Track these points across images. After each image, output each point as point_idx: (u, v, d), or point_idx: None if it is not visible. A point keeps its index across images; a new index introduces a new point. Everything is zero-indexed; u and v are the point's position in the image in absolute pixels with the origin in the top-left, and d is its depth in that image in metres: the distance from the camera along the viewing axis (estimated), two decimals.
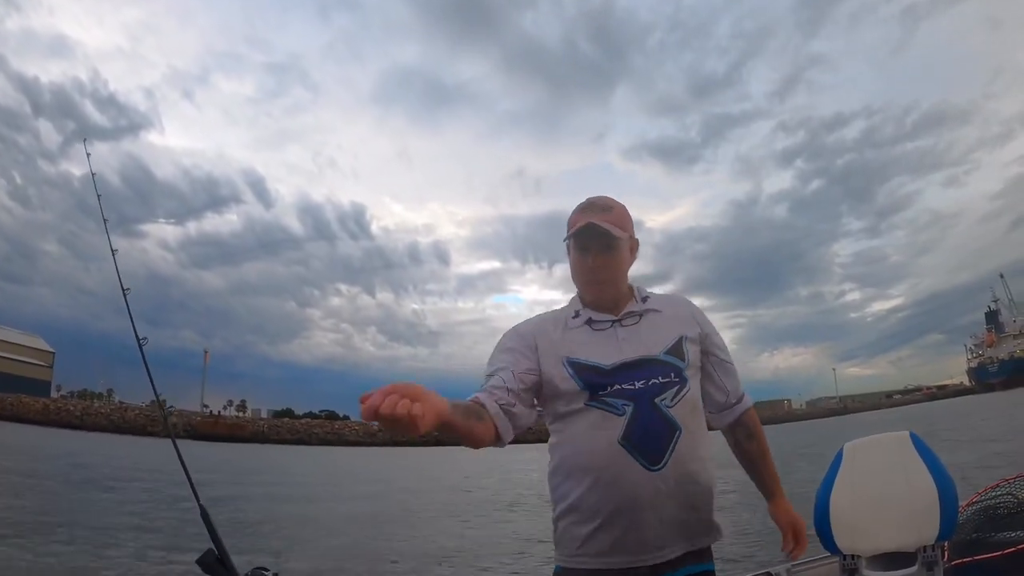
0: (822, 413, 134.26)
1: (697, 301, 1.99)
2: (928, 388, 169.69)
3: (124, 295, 2.02)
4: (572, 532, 1.78)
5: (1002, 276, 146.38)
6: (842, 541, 2.38)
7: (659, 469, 1.69)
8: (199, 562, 1.68)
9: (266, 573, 1.71)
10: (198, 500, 1.80)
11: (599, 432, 1.72)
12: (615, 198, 1.92)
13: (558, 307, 1.98)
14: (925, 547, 2.24)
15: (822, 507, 2.43)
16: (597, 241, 1.82)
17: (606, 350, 1.81)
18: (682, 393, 1.77)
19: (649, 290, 1.98)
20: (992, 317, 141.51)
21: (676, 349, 1.83)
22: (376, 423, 1.17)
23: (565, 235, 1.89)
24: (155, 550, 9.34)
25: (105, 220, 2.18)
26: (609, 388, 1.75)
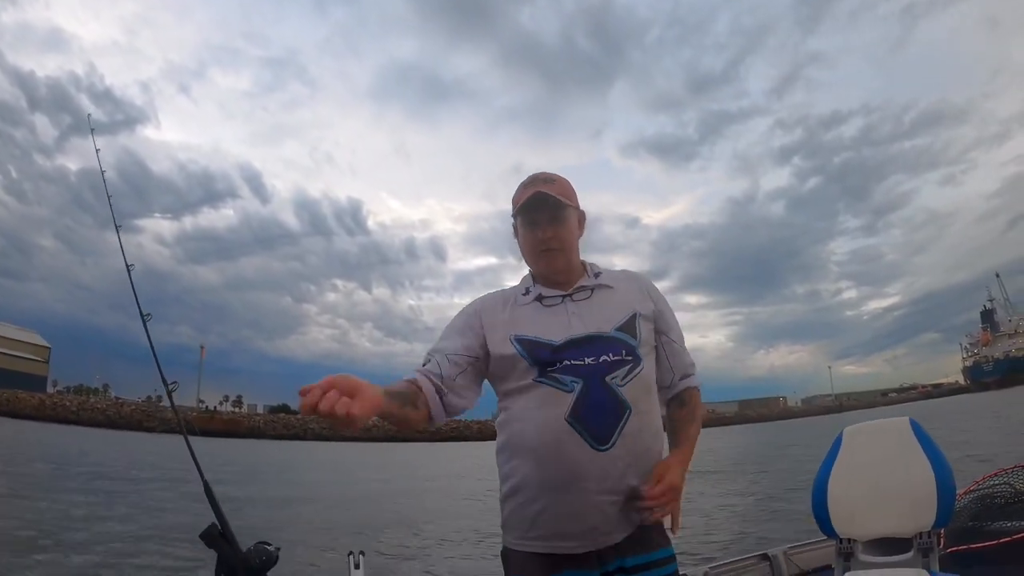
0: (817, 411, 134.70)
1: (693, 299, 1.99)
2: (924, 387, 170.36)
3: (128, 271, 2.01)
4: (518, 513, 1.74)
5: (998, 275, 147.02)
6: (839, 525, 2.40)
7: (607, 449, 1.64)
8: (203, 536, 1.69)
9: (268, 547, 1.71)
10: (202, 476, 1.80)
11: (546, 409, 1.67)
12: (612, 194, 2.04)
13: None
14: (921, 533, 2.26)
15: (820, 491, 2.45)
16: (546, 213, 1.80)
17: (555, 326, 1.77)
18: (635, 372, 1.72)
19: (603, 267, 1.94)
20: (988, 316, 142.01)
21: (628, 326, 1.78)
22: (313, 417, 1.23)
23: (512, 214, 1.87)
24: (159, 527, 9.51)
25: (109, 197, 2.18)
26: (558, 364, 1.70)
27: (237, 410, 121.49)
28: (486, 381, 1.84)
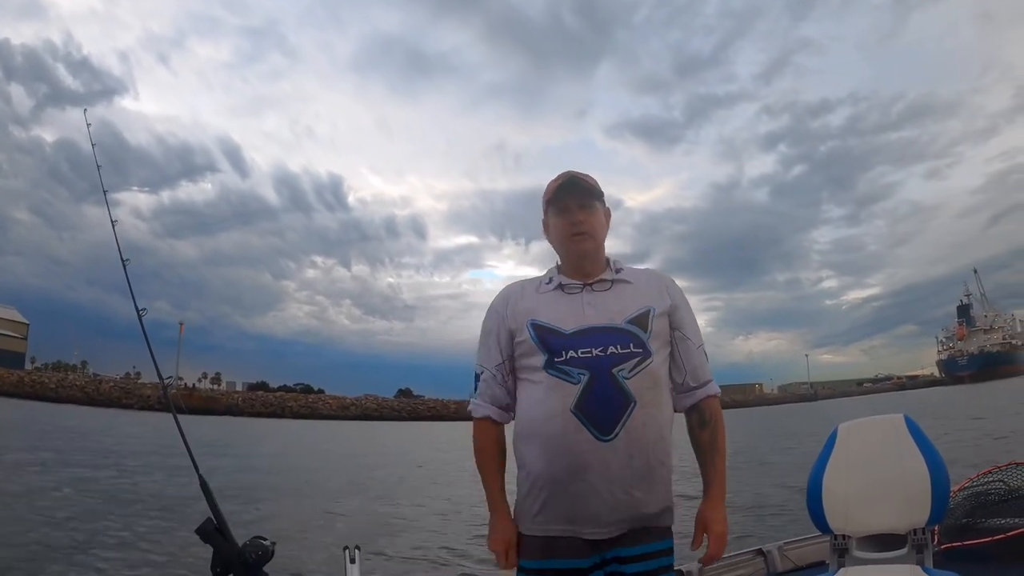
0: (793, 399, 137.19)
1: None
2: (899, 378, 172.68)
3: (124, 266, 1.99)
4: (528, 499, 1.83)
5: (976, 271, 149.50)
6: (834, 521, 2.41)
7: (610, 440, 1.70)
8: (198, 531, 1.69)
9: (264, 542, 1.71)
10: (198, 471, 1.79)
11: (553, 400, 1.75)
12: (596, 176, 1.95)
13: None
14: (916, 530, 2.28)
15: (815, 486, 2.46)
16: (577, 198, 1.89)
17: (570, 314, 1.84)
18: (642, 365, 1.77)
19: (627, 264, 2.00)
20: (964, 311, 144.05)
21: (640, 320, 1.82)
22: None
23: (543, 211, 1.97)
24: (153, 520, 9.39)
25: (105, 192, 2.16)
26: (566, 354, 1.77)
27: (216, 387, 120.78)
28: None
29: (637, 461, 1.73)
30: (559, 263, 1.98)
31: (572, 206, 1.88)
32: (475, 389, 1.94)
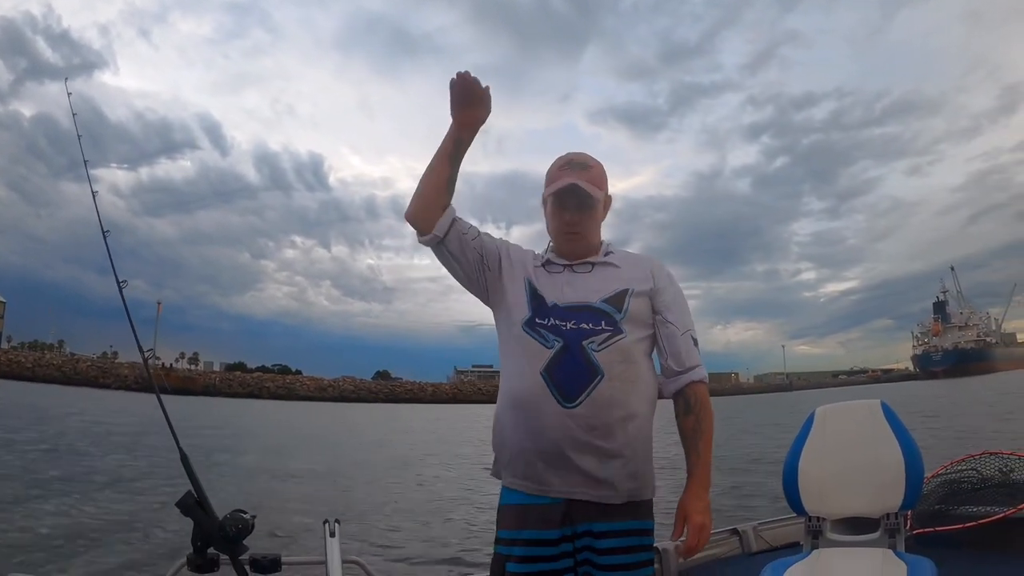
0: (768, 388, 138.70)
1: None
2: (873, 371, 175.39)
3: (104, 237, 1.96)
4: (502, 454, 1.89)
5: (953, 269, 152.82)
6: (809, 503, 2.44)
7: (572, 407, 1.74)
8: (179, 504, 1.68)
9: (244, 515, 1.70)
10: (179, 445, 1.77)
11: (527, 361, 1.81)
12: None
13: None
14: (889, 514, 2.31)
15: (791, 469, 2.49)
16: (575, 200, 1.91)
17: (551, 290, 1.90)
18: (613, 340, 1.80)
19: (620, 249, 2.03)
20: (940, 307, 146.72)
21: (616, 299, 1.86)
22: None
23: (544, 190, 1.98)
24: (133, 494, 9.49)
25: (86, 161, 2.12)
26: (546, 320, 1.84)
27: (193, 367, 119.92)
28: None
29: (595, 432, 1.74)
30: (551, 244, 2.04)
31: (569, 205, 1.91)
32: None
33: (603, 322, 1.81)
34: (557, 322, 1.82)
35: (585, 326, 1.80)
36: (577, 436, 1.73)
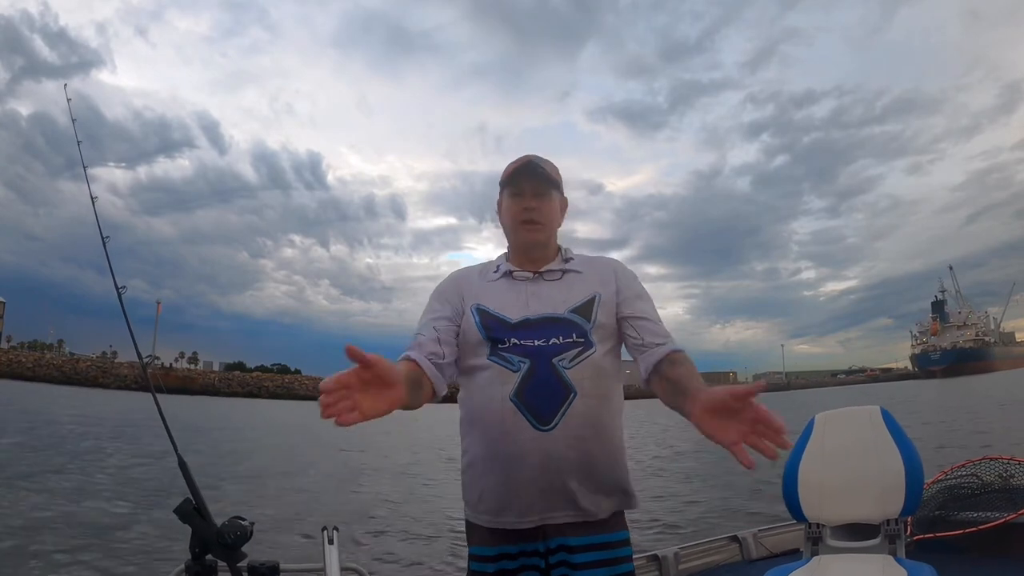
0: (767, 388, 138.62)
1: (653, 269, 1.96)
2: (872, 370, 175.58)
3: (104, 244, 1.96)
4: (471, 487, 1.80)
5: (951, 268, 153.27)
6: (808, 509, 2.44)
7: (548, 429, 1.66)
8: (177, 511, 1.68)
9: (243, 522, 1.70)
10: (177, 452, 1.77)
11: (494, 387, 1.70)
12: (577, 159, 2.10)
13: None
14: (889, 520, 2.31)
15: (791, 475, 2.49)
16: (532, 184, 1.83)
17: (514, 304, 1.79)
18: (584, 355, 1.72)
19: (579, 253, 1.95)
20: (938, 307, 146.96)
21: (584, 309, 1.78)
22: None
23: (499, 191, 1.92)
24: (131, 500, 9.39)
25: (85, 168, 2.12)
26: (508, 343, 1.72)
27: (193, 367, 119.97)
28: None
29: (576, 452, 1.68)
30: (507, 251, 1.94)
31: (527, 191, 1.84)
32: None
33: (573, 334, 1.74)
34: (521, 341, 1.72)
35: (555, 340, 1.72)
36: (557, 460, 1.66)
